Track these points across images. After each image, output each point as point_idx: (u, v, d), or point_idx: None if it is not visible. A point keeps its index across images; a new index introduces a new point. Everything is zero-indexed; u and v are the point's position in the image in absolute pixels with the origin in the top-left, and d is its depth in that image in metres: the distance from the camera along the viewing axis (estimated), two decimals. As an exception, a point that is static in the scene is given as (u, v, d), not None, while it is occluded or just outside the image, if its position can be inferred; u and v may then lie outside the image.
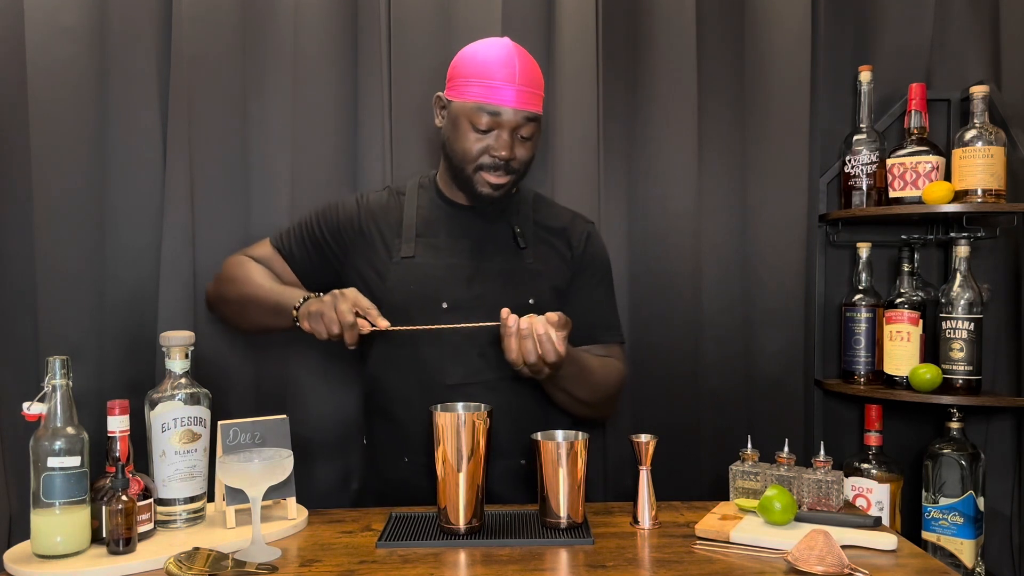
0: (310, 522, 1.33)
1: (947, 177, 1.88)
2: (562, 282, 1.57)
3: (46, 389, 1.16)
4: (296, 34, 1.81)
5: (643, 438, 1.32)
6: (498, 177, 1.47)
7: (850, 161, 1.98)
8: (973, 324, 1.81)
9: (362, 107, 1.86)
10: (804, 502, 1.35)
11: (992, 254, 2.03)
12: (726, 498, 1.42)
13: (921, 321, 1.88)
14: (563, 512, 1.26)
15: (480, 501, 1.26)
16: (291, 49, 1.81)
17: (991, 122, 1.85)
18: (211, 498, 1.35)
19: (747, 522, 1.27)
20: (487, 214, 1.55)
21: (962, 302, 1.82)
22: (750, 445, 1.44)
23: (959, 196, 1.83)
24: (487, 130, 1.44)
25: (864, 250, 1.96)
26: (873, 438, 1.83)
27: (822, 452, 1.39)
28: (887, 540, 1.20)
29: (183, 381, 1.29)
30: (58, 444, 1.13)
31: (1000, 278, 2.02)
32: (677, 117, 1.91)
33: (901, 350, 1.88)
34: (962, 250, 1.84)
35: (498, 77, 1.43)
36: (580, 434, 1.29)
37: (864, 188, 1.96)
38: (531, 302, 1.51)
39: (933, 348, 1.89)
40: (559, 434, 1.31)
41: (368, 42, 1.85)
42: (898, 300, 1.91)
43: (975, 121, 1.84)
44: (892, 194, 1.92)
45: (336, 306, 1.36)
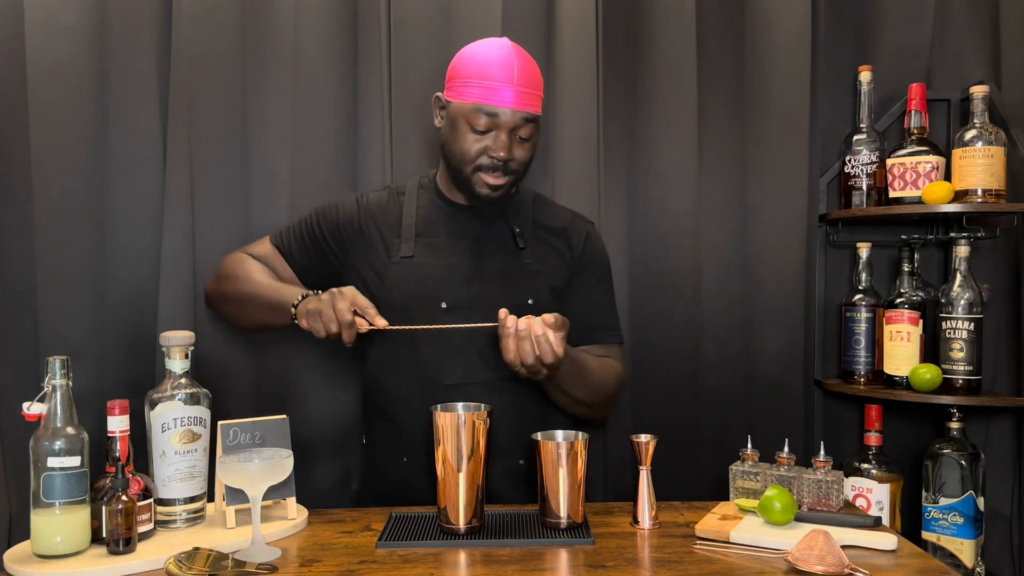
0: (310, 522, 1.33)
1: (947, 177, 1.88)
2: (561, 282, 1.57)
3: (46, 389, 1.16)
4: (296, 34, 1.81)
5: (643, 438, 1.32)
6: (496, 178, 1.47)
7: (850, 161, 1.98)
8: (973, 324, 1.81)
9: (362, 107, 1.86)
10: (804, 502, 1.35)
11: (992, 254, 2.03)
12: (726, 498, 1.42)
13: (921, 321, 1.88)
14: (563, 512, 1.26)
15: (480, 501, 1.26)
16: (291, 49, 1.81)
17: (991, 122, 1.85)
18: (211, 498, 1.35)
19: (747, 522, 1.27)
20: (486, 214, 1.55)
21: (962, 302, 1.82)
22: (750, 445, 1.44)
23: (959, 196, 1.83)
24: (485, 131, 1.44)
25: (864, 250, 1.96)
26: (873, 438, 1.83)
27: (822, 452, 1.39)
28: (887, 540, 1.20)
29: (183, 381, 1.29)
30: (58, 444, 1.13)
31: (1000, 278, 2.02)
32: (677, 117, 1.92)
33: (901, 350, 1.88)
34: (962, 250, 1.84)
35: (496, 78, 1.42)
36: (580, 434, 1.29)
37: (864, 188, 1.96)
38: (530, 302, 1.51)
39: (933, 348, 1.89)
40: (559, 434, 1.31)
41: (368, 42, 1.85)
42: (898, 300, 1.91)
43: (975, 121, 1.84)
44: (892, 194, 1.92)
45: (334, 304, 1.36)
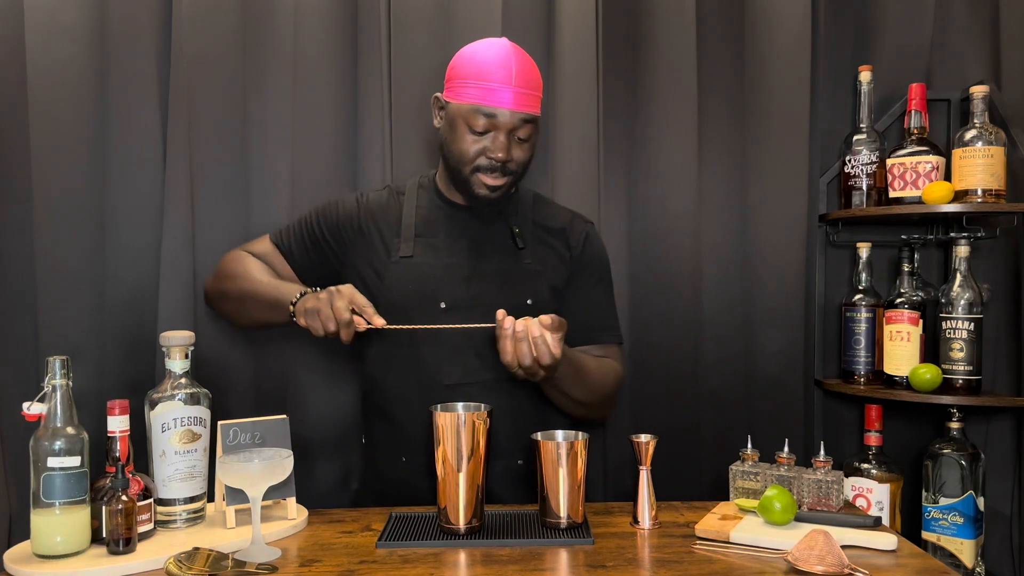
0: (310, 522, 1.33)
1: (947, 177, 1.88)
2: (560, 282, 1.57)
3: (46, 389, 1.16)
4: (296, 34, 1.81)
5: (643, 438, 1.32)
6: (495, 179, 1.46)
7: (850, 161, 1.97)
8: (973, 324, 1.81)
9: (362, 107, 1.86)
10: (804, 502, 1.35)
11: (992, 254, 2.03)
12: (726, 498, 1.42)
13: (921, 321, 1.88)
14: (563, 512, 1.26)
15: (480, 501, 1.26)
16: (291, 49, 1.81)
17: (991, 122, 1.85)
18: (211, 498, 1.35)
19: (747, 522, 1.27)
20: (486, 214, 1.55)
21: (962, 302, 1.82)
22: (750, 445, 1.44)
23: (959, 196, 1.83)
24: (484, 132, 1.44)
25: (864, 250, 1.96)
26: (873, 438, 1.83)
27: (822, 452, 1.39)
28: (887, 540, 1.20)
29: (183, 381, 1.29)
30: (58, 444, 1.13)
31: (1000, 278, 2.02)
32: (677, 117, 1.91)
33: (901, 350, 1.88)
34: (962, 250, 1.84)
35: (495, 79, 1.42)
36: (580, 434, 1.29)
37: (864, 188, 1.96)
38: (529, 302, 1.51)
39: (933, 348, 1.89)
40: (559, 434, 1.31)
41: (368, 42, 1.85)
42: (898, 300, 1.91)
43: (975, 121, 1.84)
44: (892, 194, 1.92)
45: (332, 303, 1.36)
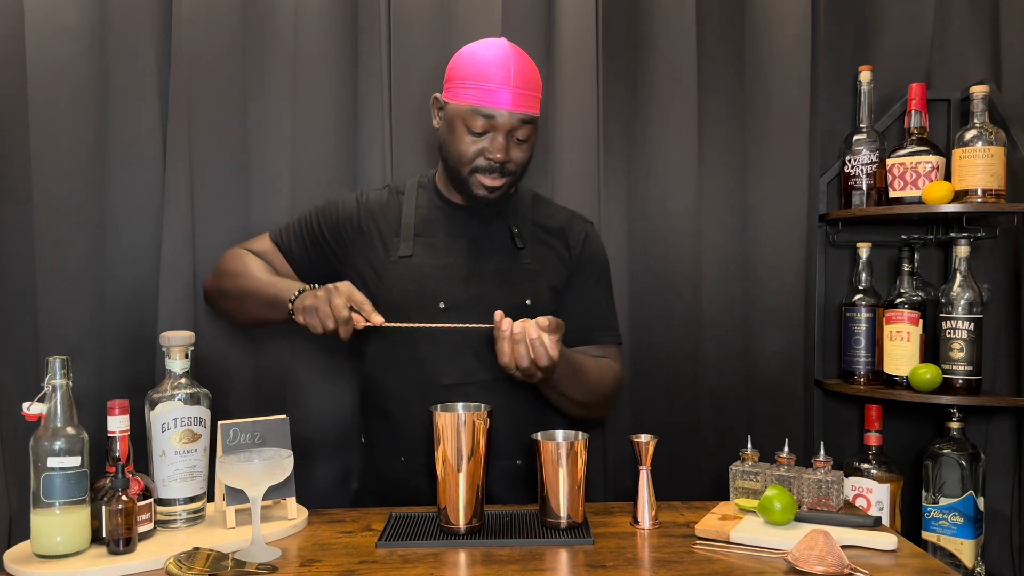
0: (310, 522, 1.33)
1: (947, 177, 1.88)
2: (560, 282, 1.57)
3: (46, 389, 1.16)
4: (296, 34, 1.81)
5: (643, 438, 1.32)
6: (493, 180, 1.46)
7: (850, 161, 1.97)
8: (973, 324, 1.81)
9: (362, 107, 1.86)
10: (804, 502, 1.35)
11: (992, 254, 2.03)
12: (726, 498, 1.42)
13: (921, 321, 1.88)
14: (563, 512, 1.26)
15: (480, 501, 1.26)
16: (291, 49, 1.81)
17: (991, 122, 1.85)
18: (211, 498, 1.35)
19: (747, 522, 1.27)
20: (485, 214, 1.55)
21: (962, 302, 1.82)
22: (750, 445, 1.44)
23: (959, 196, 1.83)
24: (482, 132, 1.44)
25: (864, 250, 1.96)
26: (873, 438, 1.83)
27: (822, 452, 1.39)
28: (887, 540, 1.20)
29: (183, 381, 1.29)
30: (58, 444, 1.13)
31: (1000, 278, 2.02)
32: (677, 117, 1.91)
33: (901, 350, 1.88)
34: (962, 250, 1.84)
35: (493, 80, 1.42)
36: (580, 434, 1.29)
37: (864, 188, 1.96)
38: (528, 302, 1.51)
39: (933, 348, 1.89)
40: (559, 434, 1.31)
41: (368, 42, 1.85)
42: (898, 300, 1.91)
43: (975, 121, 1.84)
44: (892, 194, 1.92)
45: (330, 301, 1.36)
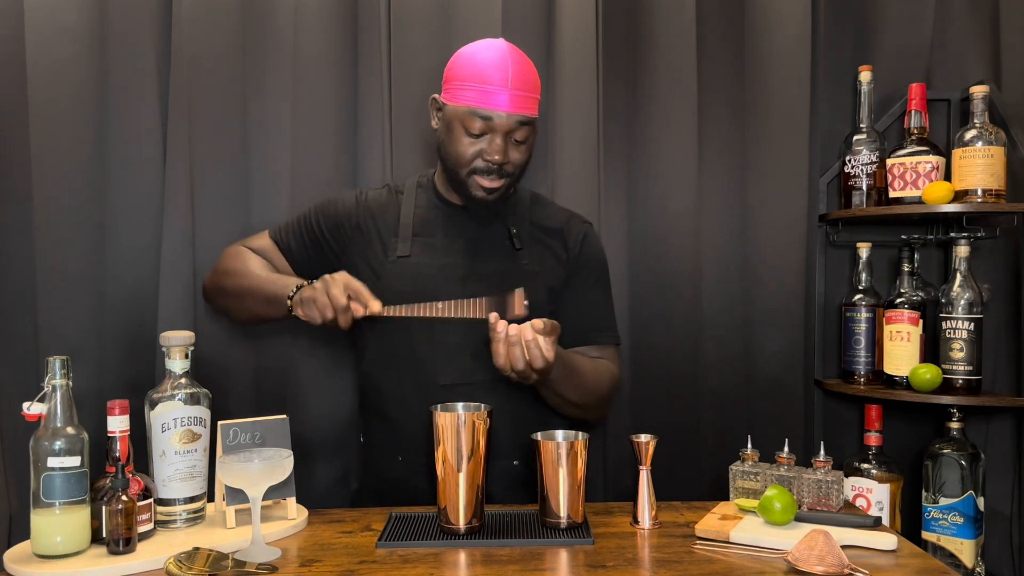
0: (310, 522, 1.33)
1: (947, 177, 1.88)
2: (558, 283, 1.57)
3: (46, 389, 1.16)
4: (296, 34, 1.81)
5: (643, 438, 1.32)
6: (492, 181, 1.46)
7: (850, 161, 1.97)
8: (973, 324, 1.81)
9: (362, 107, 1.86)
10: (804, 502, 1.35)
11: (992, 254, 2.03)
12: (726, 498, 1.42)
13: (921, 321, 1.88)
14: (563, 512, 1.26)
15: (480, 501, 1.26)
16: (291, 49, 1.81)
17: (991, 122, 1.85)
18: (211, 498, 1.35)
19: (747, 522, 1.27)
20: (483, 215, 1.54)
21: (962, 302, 1.82)
22: (750, 445, 1.44)
23: (959, 196, 1.83)
24: (480, 134, 1.44)
25: (864, 250, 1.96)
26: (873, 438, 1.83)
27: (822, 452, 1.39)
28: (887, 540, 1.20)
29: (183, 381, 1.29)
30: (58, 444, 1.13)
31: (1000, 278, 2.02)
32: (677, 117, 1.91)
33: (901, 350, 1.88)
34: (962, 250, 1.84)
35: (491, 81, 1.42)
36: (580, 434, 1.29)
37: (864, 188, 1.96)
38: (526, 303, 1.50)
39: (933, 348, 1.89)
40: (559, 434, 1.31)
41: (368, 42, 1.85)
42: (898, 300, 1.91)
43: (975, 121, 1.84)
44: (892, 194, 1.92)
45: (328, 291, 1.36)
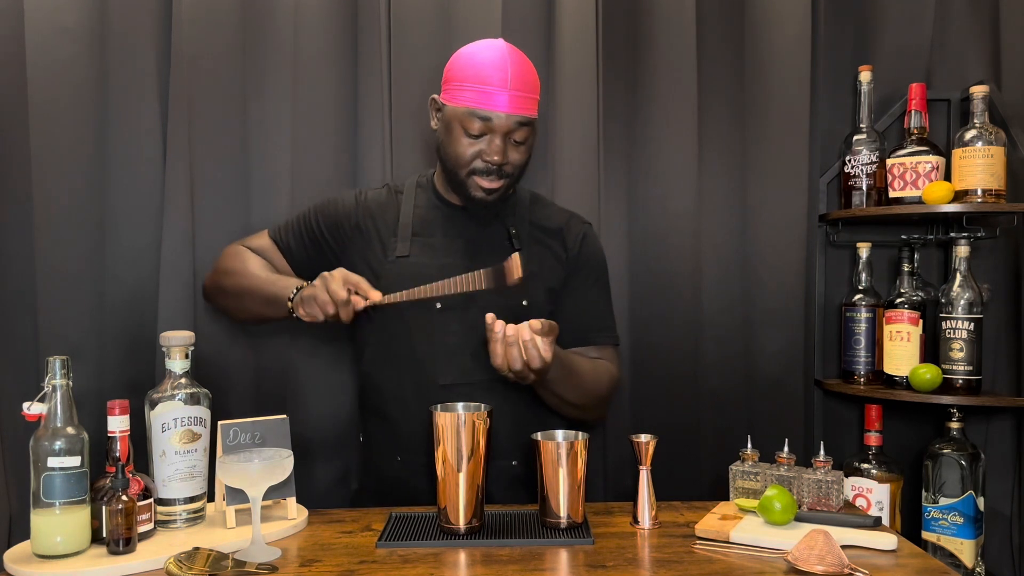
0: (310, 522, 1.33)
1: (947, 177, 1.88)
2: (557, 283, 1.57)
3: (46, 389, 1.16)
4: (296, 34, 1.81)
5: (643, 438, 1.32)
6: (491, 182, 1.46)
7: (850, 161, 1.97)
8: (973, 324, 1.81)
9: (362, 107, 1.86)
10: (804, 502, 1.35)
11: (992, 254, 2.03)
12: (726, 498, 1.42)
13: (921, 321, 1.88)
14: (563, 512, 1.26)
15: (480, 501, 1.26)
16: (291, 49, 1.81)
17: (991, 122, 1.85)
18: (211, 498, 1.35)
19: (747, 522, 1.27)
20: (483, 215, 1.54)
21: (962, 302, 1.82)
22: (750, 445, 1.44)
23: (959, 196, 1.83)
24: (479, 135, 1.44)
25: (864, 250, 1.96)
26: (873, 438, 1.83)
27: (822, 452, 1.39)
28: (887, 540, 1.20)
29: (183, 381, 1.29)
30: (58, 444, 1.13)
31: (1000, 278, 2.02)
32: (677, 117, 1.91)
33: (901, 350, 1.88)
34: (962, 250, 1.84)
35: (490, 82, 1.41)
36: (580, 434, 1.29)
37: (864, 188, 1.96)
38: (525, 303, 1.50)
39: (933, 348, 1.89)
40: (559, 434, 1.31)
41: (368, 42, 1.85)
42: (898, 300, 1.91)
43: (975, 121, 1.84)
44: (892, 194, 1.92)
45: (328, 287, 1.37)
